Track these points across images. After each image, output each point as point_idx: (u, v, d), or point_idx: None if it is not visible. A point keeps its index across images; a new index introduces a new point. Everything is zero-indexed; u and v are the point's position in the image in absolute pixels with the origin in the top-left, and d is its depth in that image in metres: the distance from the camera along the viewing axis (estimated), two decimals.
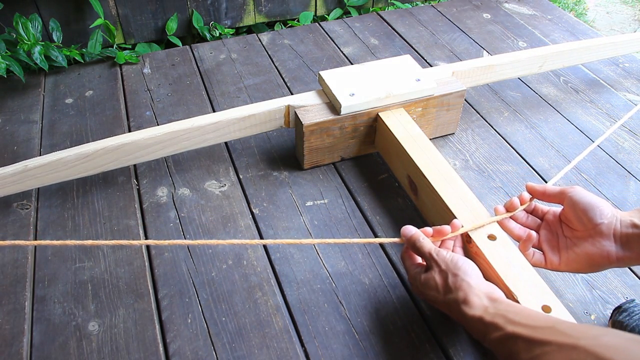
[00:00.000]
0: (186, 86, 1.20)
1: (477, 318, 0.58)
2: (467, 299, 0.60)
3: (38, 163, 0.83)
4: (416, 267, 0.69)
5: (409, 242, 0.70)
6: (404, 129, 0.91)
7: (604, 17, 2.64)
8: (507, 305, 0.59)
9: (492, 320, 0.57)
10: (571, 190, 0.69)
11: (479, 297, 0.60)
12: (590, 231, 0.66)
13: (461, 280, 0.62)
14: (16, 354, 0.70)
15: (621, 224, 0.65)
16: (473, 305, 0.60)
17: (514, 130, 1.08)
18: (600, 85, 1.22)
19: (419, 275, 0.68)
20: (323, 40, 1.37)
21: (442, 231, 0.71)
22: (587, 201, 0.67)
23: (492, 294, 0.61)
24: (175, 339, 0.71)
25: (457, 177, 0.82)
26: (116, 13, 1.33)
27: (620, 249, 0.64)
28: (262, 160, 1.00)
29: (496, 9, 1.52)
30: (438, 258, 0.65)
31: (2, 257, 0.82)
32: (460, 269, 0.63)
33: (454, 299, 0.62)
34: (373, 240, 0.79)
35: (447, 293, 0.63)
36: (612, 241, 0.65)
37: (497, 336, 0.55)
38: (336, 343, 0.71)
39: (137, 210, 0.90)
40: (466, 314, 0.60)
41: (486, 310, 0.58)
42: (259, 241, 0.76)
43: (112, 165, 0.88)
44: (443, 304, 0.64)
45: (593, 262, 0.66)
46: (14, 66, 1.11)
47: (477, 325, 0.59)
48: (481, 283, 0.63)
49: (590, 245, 0.66)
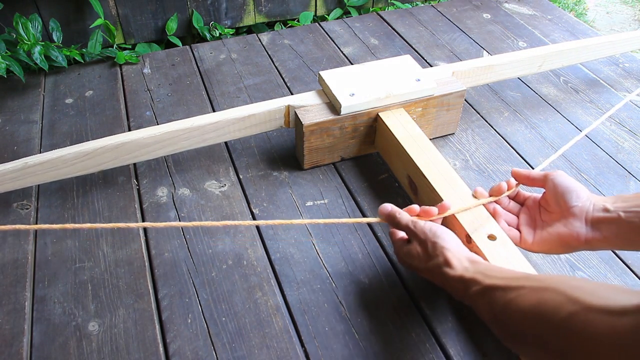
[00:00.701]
0: (186, 86, 1.20)
1: (457, 277, 0.62)
2: (447, 261, 0.64)
3: (38, 160, 0.84)
4: (399, 241, 0.73)
5: (387, 220, 0.73)
6: (404, 129, 0.91)
7: (604, 17, 2.64)
8: (486, 265, 0.63)
9: (471, 277, 0.61)
10: (553, 174, 0.73)
11: (458, 259, 0.64)
12: (564, 213, 0.70)
13: (440, 246, 0.66)
14: (16, 354, 0.70)
15: (594, 208, 0.68)
16: (453, 267, 0.63)
17: (514, 130, 1.08)
18: (600, 85, 1.22)
19: (402, 248, 0.71)
20: (323, 40, 1.37)
21: (428, 212, 0.73)
22: (566, 185, 0.71)
23: (472, 257, 0.65)
24: (175, 339, 0.71)
25: (457, 177, 0.82)
26: (116, 13, 1.34)
27: (590, 231, 0.67)
28: (262, 160, 1.00)
29: (496, 9, 1.52)
30: (416, 229, 0.69)
31: (2, 257, 0.82)
32: (439, 237, 0.67)
33: (436, 264, 0.65)
34: (360, 220, 0.82)
35: (429, 260, 0.67)
36: (583, 223, 0.68)
37: (476, 290, 0.59)
38: (336, 343, 0.71)
39: (137, 211, 0.90)
40: (447, 274, 0.63)
41: (466, 269, 0.62)
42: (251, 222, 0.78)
43: (111, 163, 0.88)
44: (426, 271, 0.68)
45: (563, 242, 0.69)
46: (14, 66, 1.11)
47: (457, 284, 0.62)
48: (460, 248, 0.66)
49: (562, 226, 0.69)
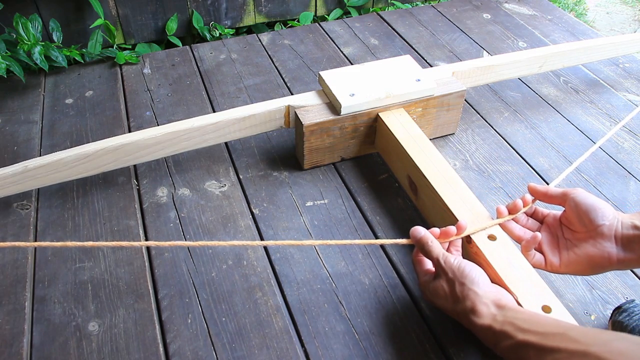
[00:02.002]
0: (186, 86, 1.20)
1: (486, 327, 0.59)
2: (475, 309, 0.60)
3: (38, 163, 0.83)
4: (426, 274, 0.69)
5: (418, 245, 0.69)
6: (404, 129, 0.91)
7: (604, 17, 2.64)
8: (515, 312, 0.59)
9: (501, 329, 0.57)
10: (573, 192, 0.69)
11: (486, 305, 0.60)
12: (591, 232, 0.66)
13: (468, 289, 0.62)
14: (16, 354, 0.70)
15: (622, 226, 0.65)
16: (481, 315, 0.60)
17: (514, 131, 1.08)
18: (601, 85, 1.22)
19: (429, 284, 0.67)
20: (323, 40, 1.37)
21: (447, 232, 0.70)
22: (589, 202, 0.67)
23: (500, 301, 0.61)
24: (175, 339, 0.71)
25: (457, 177, 0.82)
26: (116, 13, 1.34)
27: (622, 251, 0.64)
28: (262, 160, 1.00)
29: (496, 9, 1.52)
30: (445, 266, 0.65)
31: (2, 257, 0.82)
32: (467, 278, 0.63)
33: (462, 309, 0.62)
34: (375, 242, 0.79)
35: (456, 303, 0.63)
36: (613, 242, 0.65)
37: (508, 345, 0.56)
38: (336, 343, 0.71)
39: (137, 211, 0.90)
40: (475, 324, 0.60)
41: (495, 318, 0.59)
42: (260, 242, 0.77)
43: (112, 165, 0.88)
44: (452, 313, 0.65)
45: (594, 263, 0.65)
46: (14, 66, 1.11)
47: (487, 334, 0.59)
48: (488, 290, 0.62)
49: (591, 247, 0.65)
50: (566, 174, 0.82)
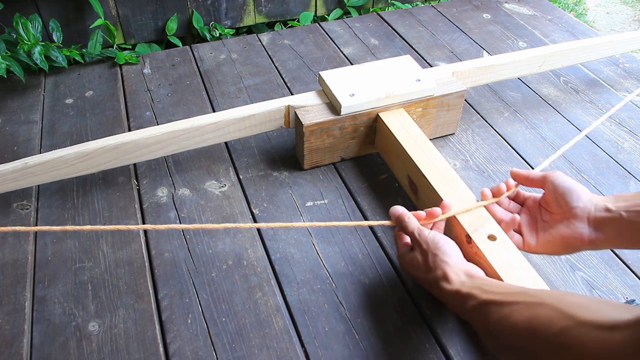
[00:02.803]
0: (186, 86, 1.20)
1: (454, 292, 0.62)
2: (445, 276, 0.64)
3: (38, 160, 0.84)
4: (404, 247, 0.73)
5: (396, 221, 0.74)
6: (404, 129, 0.91)
7: (604, 17, 2.64)
8: (483, 279, 0.63)
9: (468, 292, 0.60)
10: (552, 175, 0.72)
11: (456, 274, 0.64)
12: (566, 214, 0.69)
13: (440, 260, 0.66)
14: (16, 354, 0.70)
15: (595, 208, 0.68)
16: (451, 281, 0.63)
17: (514, 131, 1.08)
18: (600, 85, 1.22)
19: (405, 255, 0.72)
20: (323, 40, 1.37)
21: (432, 213, 0.74)
22: (566, 185, 0.70)
23: (470, 271, 0.65)
24: (175, 339, 0.71)
25: (457, 178, 0.82)
26: (116, 13, 1.34)
27: (593, 231, 0.67)
28: (262, 160, 1.00)
29: (496, 9, 1.52)
30: (420, 238, 0.69)
31: (2, 257, 0.82)
32: (440, 249, 0.67)
33: (434, 277, 0.65)
34: (363, 223, 0.80)
35: (428, 272, 0.67)
36: (585, 223, 0.68)
37: (472, 304, 0.59)
38: (336, 343, 0.71)
39: (137, 211, 0.90)
40: (444, 289, 0.64)
41: (463, 284, 0.62)
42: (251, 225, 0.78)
43: (112, 164, 0.88)
44: (425, 282, 0.68)
45: (566, 243, 0.69)
46: (14, 66, 1.11)
47: (454, 298, 0.62)
48: (460, 262, 0.66)
49: (565, 227, 0.69)
50: (551, 160, 0.85)
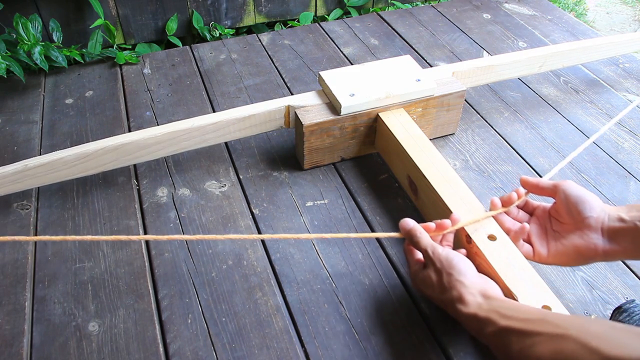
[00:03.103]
0: (186, 86, 1.20)
1: (471, 315, 0.60)
2: (461, 298, 0.62)
3: (38, 162, 0.83)
4: (416, 264, 0.70)
5: (407, 236, 0.71)
6: (404, 129, 0.91)
7: (604, 17, 2.64)
8: (500, 302, 0.60)
9: (486, 316, 0.58)
10: (563, 184, 0.71)
11: (473, 295, 0.62)
12: (578, 224, 0.68)
13: (455, 279, 0.63)
14: (16, 354, 0.70)
15: (609, 218, 0.67)
16: (467, 304, 0.61)
17: (514, 131, 1.08)
18: (600, 85, 1.22)
19: (418, 273, 0.69)
20: (323, 40, 1.37)
21: (442, 225, 0.72)
22: (578, 195, 0.69)
23: (486, 292, 0.62)
24: (175, 339, 0.71)
25: (457, 178, 0.82)
26: (116, 13, 1.34)
27: (607, 242, 0.66)
28: (262, 160, 1.00)
29: (496, 9, 1.52)
30: (434, 256, 0.66)
31: (2, 258, 0.82)
32: (455, 268, 0.64)
33: (449, 298, 0.63)
34: (370, 235, 0.79)
35: (443, 292, 0.64)
36: (599, 234, 0.66)
37: (491, 331, 0.57)
38: (336, 343, 0.71)
39: (137, 211, 0.90)
40: (461, 312, 0.61)
41: (480, 307, 0.60)
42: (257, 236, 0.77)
43: (112, 165, 0.88)
44: (440, 302, 0.66)
45: (580, 254, 0.67)
46: (14, 66, 1.11)
47: (472, 322, 0.60)
48: (475, 281, 0.64)
49: (578, 238, 0.67)
50: (559, 168, 0.83)
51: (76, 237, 0.68)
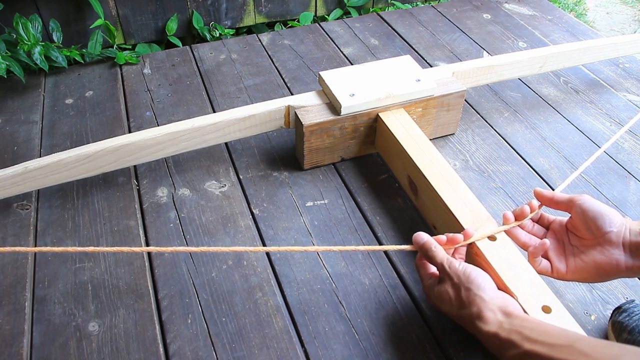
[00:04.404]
0: (186, 86, 1.20)
1: (492, 334, 0.58)
2: (481, 315, 0.60)
3: (38, 165, 0.83)
4: (430, 278, 0.68)
5: (421, 250, 0.69)
6: (404, 130, 0.91)
7: (604, 17, 2.64)
8: (522, 321, 0.58)
9: (507, 337, 0.56)
10: (580, 199, 0.68)
11: (493, 311, 0.59)
12: (599, 239, 0.65)
13: (474, 294, 0.61)
14: (16, 355, 0.70)
15: (630, 233, 0.64)
16: (487, 321, 0.59)
17: (514, 131, 1.08)
18: (601, 85, 1.22)
19: (433, 287, 0.67)
20: (323, 40, 1.37)
21: (454, 239, 0.70)
22: (596, 209, 0.66)
23: (507, 308, 0.60)
24: (175, 340, 0.71)
25: (457, 178, 0.82)
26: (116, 13, 1.34)
27: (630, 258, 0.64)
28: (262, 160, 1.00)
29: (496, 9, 1.52)
30: (450, 271, 0.64)
31: (2, 258, 0.82)
32: (473, 283, 0.62)
33: (468, 314, 0.61)
34: (378, 248, 0.77)
35: (461, 308, 0.62)
36: (621, 250, 0.64)
37: (514, 354, 0.55)
38: (336, 343, 0.71)
39: (137, 211, 0.90)
40: (481, 330, 0.59)
41: (501, 326, 0.58)
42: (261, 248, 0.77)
43: (112, 166, 0.88)
44: (457, 318, 0.64)
45: (601, 270, 0.65)
46: (14, 66, 1.11)
47: (493, 341, 0.58)
48: (495, 296, 0.62)
49: (599, 254, 0.65)
50: (571, 179, 0.80)
51: (77, 249, 0.68)
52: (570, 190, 0.95)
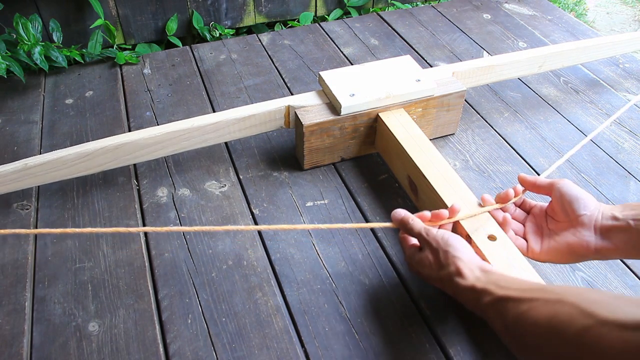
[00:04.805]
0: (186, 86, 1.20)
1: (469, 287, 0.61)
2: (459, 271, 0.63)
3: (38, 161, 0.84)
4: (411, 249, 0.72)
5: (400, 225, 0.72)
6: (404, 130, 0.91)
7: (604, 17, 2.64)
8: (498, 275, 0.61)
9: (483, 287, 0.59)
10: (560, 182, 0.72)
11: (470, 269, 0.63)
12: (572, 222, 0.69)
13: (452, 255, 0.65)
14: (16, 355, 0.70)
15: (602, 216, 0.68)
16: (465, 276, 0.62)
17: (514, 131, 1.08)
18: (600, 85, 1.22)
19: (414, 255, 0.70)
20: (323, 40, 1.37)
21: (439, 215, 0.73)
22: (573, 193, 0.70)
23: (484, 267, 0.63)
24: (175, 340, 0.71)
25: (457, 178, 0.82)
26: (116, 13, 1.34)
27: (600, 240, 0.67)
28: (262, 160, 1.00)
29: (496, 9, 1.52)
30: (429, 237, 0.68)
31: (2, 258, 0.82)
32: (451, 246, 0.66)
33: (447, 274, 0.64)
34: (365, 225, 0.80)
35: (440, 269, 0.65)
36: (592, 232, 0.67)
37: (488, 300, 0.58)
38: (336, 343, 0.71)
39: (137, 211, 0.90)
40: (459, 284, 0.62)
41: (478, 279, 0.61)
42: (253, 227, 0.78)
43: (112, 164, 0.88)
44: (437, 280, 0.67)
45: (572, 251, 0.68)
46: (14, 66, 1.11)
47: (469, 294, 0.61)
48: (472, 257, 0.65)
49: (571, 235, 0.68)
50: (557, 166, 0.83)
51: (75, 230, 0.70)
52: None
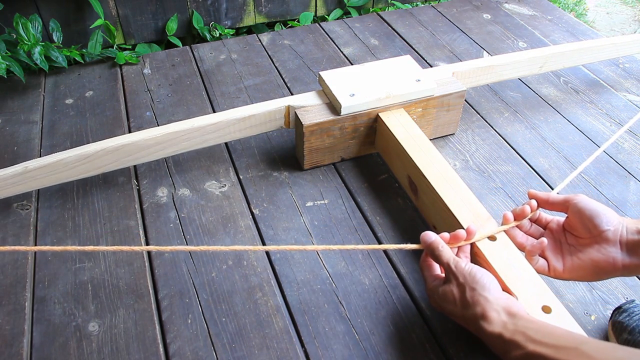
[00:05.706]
0: (186, 86, 1.20)
1: (496, 335, 0.58)
2: (485, 315, 0.59)
3: (38, 164, 0.83)
4: (434, 279, 0.68)
5: (428, 249, 0.68)
6: (404, 130, 0.91)
7: (604, 17, 2.64)
8: (526, 322, 0.57)
9: (511, 338, 0.56)
10: (575, 198, 0.69)
11: (497, 312, 0.59)
12: (596, 238, 0.66)
13: (479, 294, 0.61)
14: (16, 355, 0.70)
15: (627, 231, 0.65)
16: (492, 321, 0.59)
17: (514, 131, 1.08)
18: (601, 85, 1.22)
19: (437, 288, 0.66)
20: (323, 40, 1.37)
21: (457, 236, 0.70)
22: (592, 208, 0.67)
23: (511, 308, 0.60)
24: (175, 340, 0.71)
25: (457, 178, 0.82)
26: (116, 13, 1.34)
27: (627, 256, 0.64)
28: (262, 160, 1.00)
29: (496, 9, 1.52)
30: (457, 270, 0.64)
31: (2, 258, 0.82)
32: (478, 283, 0.62)
33: (472, 315, 0.61)
34: (379, 247, 0.77)
35: (465, 308, 0.62)
36: (618, 248, 0.64)
37: (518, 355, 0.54)
38: (336, 344, 0.71)
39: (137, 211, 0.90)
40: (485, 330, 0.59)
41: (505, 326, 0.57)
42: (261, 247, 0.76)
43: (112, 166, 0.88)
44: (461, 319, 0.63)
45: (598, 268, 0.65)
46: (14, 66, 1.11)
47: (496, 342, 0.58)
48: (499, 297, 0.61)
49: (596, 252, 0.65)
50: (570, 179, 0.81)
51: (77, 248, 0.68)
52: (570, 190, 0.95)
